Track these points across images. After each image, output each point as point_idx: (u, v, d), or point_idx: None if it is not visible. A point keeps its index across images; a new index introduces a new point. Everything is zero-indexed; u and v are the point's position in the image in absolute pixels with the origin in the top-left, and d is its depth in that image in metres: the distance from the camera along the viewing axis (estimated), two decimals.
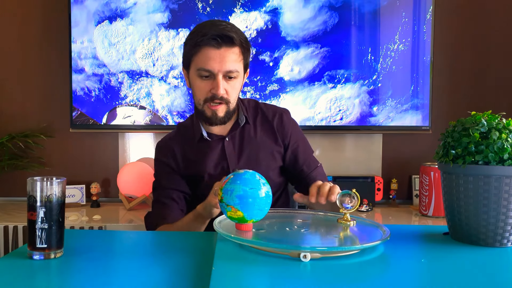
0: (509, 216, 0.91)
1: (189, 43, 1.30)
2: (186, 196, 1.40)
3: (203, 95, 1.30)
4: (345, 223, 1.02)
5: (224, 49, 1.25)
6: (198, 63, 1.28)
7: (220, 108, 1.30)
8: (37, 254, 0.85)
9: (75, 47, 2.37)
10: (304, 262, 0.79)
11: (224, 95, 1.29)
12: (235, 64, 1.27)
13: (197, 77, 1.29)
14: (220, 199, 0.93)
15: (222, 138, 1.38)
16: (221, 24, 1.27)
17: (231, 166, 1.36)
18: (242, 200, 0.91)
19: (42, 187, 0.84)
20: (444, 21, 2.48)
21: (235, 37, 1.26)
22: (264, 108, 1.44)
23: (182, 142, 1.41)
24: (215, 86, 1.27)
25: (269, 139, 1.40)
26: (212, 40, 1.24)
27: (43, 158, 2.51)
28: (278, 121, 1.41)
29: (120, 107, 2.41)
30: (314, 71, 2.41)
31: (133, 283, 0.76)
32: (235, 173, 0.94)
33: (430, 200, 2.19)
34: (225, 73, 1.27)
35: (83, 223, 2.06)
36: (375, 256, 0.86)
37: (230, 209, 0.92)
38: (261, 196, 0.92)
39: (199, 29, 1.29)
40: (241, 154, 1.38)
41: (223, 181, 0.95)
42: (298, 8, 2.38)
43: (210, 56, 1.25)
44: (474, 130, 0.94)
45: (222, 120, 1.33)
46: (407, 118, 2.42)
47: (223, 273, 0.74)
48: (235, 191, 0.91)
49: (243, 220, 0.93)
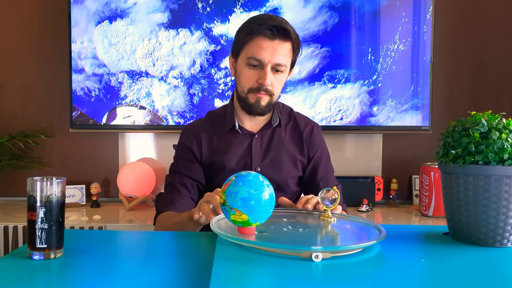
0: (509, 216, 0.91)
1: (244, 31, 1.31)
2: (199, 185, 1.39)
3: (249, 84, 1.31)
4: (327, 219, 1.04)
5: (277, 41, 1.27)
6: (249, 51, 1.29)
7: (264, 98, 1.31)
8: (37, 254, 0.85)
9: (75, 47, 2.38)
10: (303, 262, 0.79)
11: (269, 87, 1.30)
12: (284, 58, 1.29)
13: (246, 65, 1.30)
14: (222, 202, 0.89)
15: (251, 134, 1.39)
16: (278, 18, 1.30)
17: (254, 164, 1.37)
18: (247, 203, 0.87)
19: (42, 187, 0.84)
20: (444, 21, 2.48)
21: (291, 31, 1.27)
22: (297, 116, 1.46)
23: (210, 130, 1.41)
24: (262, 76, 1.28)
25: (296, 148, 1.41)
26: (267, 30, 1.26)
27: (43, 158, 2.51)
28: (308, 133, 1.43)
29: (120, 107, 2.41)
30: (314, 71, 2.41)
31: (133, 283, 0.76)
32: (237, 175, 0.91)
33: (430, 200, 2.19)
34: (274, 65, 1.28)
35: (83, 223, 2.06)
36: (374, 256, 0.86)
37: (234, 213, 0.88)
38: (265, 198, 0.89)
39: (255, 19, 1.30)
40: (266, 154, 1.39)
41: (225, 183, 0.92)
42: (298, 8, 2.38)
43: (263, 46, 1.27)
44: (474, 130, 0.94)
45: (263, 110, 1.33)
46: (407, 118, 2.42)
47: (223, 273, 0.74)
48: (239, 194, 0.87)
49: (247, 224, 0.89)
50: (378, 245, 0.91)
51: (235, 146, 1.38)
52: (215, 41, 2.38)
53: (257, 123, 1.40)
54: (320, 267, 0.78)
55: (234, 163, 1.37)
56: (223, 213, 0.92)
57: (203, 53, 2.39)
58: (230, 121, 1.39)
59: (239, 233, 0.91)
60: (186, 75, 2.40)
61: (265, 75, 1.28)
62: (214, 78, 2.40)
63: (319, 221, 1.05)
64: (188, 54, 2.39)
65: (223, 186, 0.92)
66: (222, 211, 0.92)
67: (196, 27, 2.38)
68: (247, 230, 0.90)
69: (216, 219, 0.99)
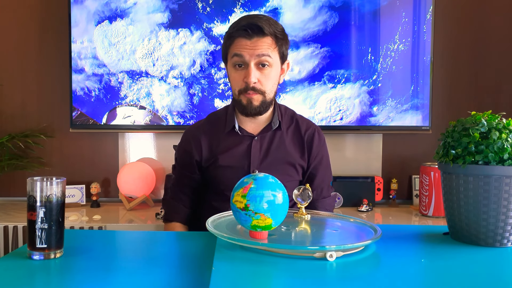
0: (509, 216, 0.91)
1: (225, 37, 1.35)
2: (198, 186, 1.47)
3: (238, 86, 1.34)
4: (301, 216, 1.06)
5: (255, 39, 1.29)
6: (232, 53, 1.32)
7: (255, 97, 1.32)
8: (37, 254, 0.85)
9: (75, 47, 2.37)
10: (304, 262, 0.80)
11: (257, 85, 1.31)
12: (267, 50, 1.30)
13: (232, 68, 1.33)
14: (243, 207, 0.84)
15: (251, 136, 1.40)
16: (256, 16, 1.33)
17: (252, 166, 1.37)
18: (273, 207, 0.84)
19: (42, 187, 0.84)
20: (444, 21, 2.48)
21: (266, 27, 1.29)
22: (299, 119, 1.46)
23: (210, 132, 1.43)
24: (247, 75, 1.30)
25: (296, 151, 1.42)
26: (243, 31, 1.29)
27: (43, 158, 2.51)
28: (309, 137, 1.44)
29: (120, 107, 2.41)
30: (314, 71, 2.41)
31: (133, 283, 0.76)
32: (256, 177, 0.87)
33: (430, 200, 2.19)
34: (257, 60, 1.30)
35: (83, 223, 2.06)
36: (374, 256, 0.86)
37: (259, 217, 0.83)
38: (285, 200, 0.87)
39: (235, 22, 1.34)
40: (265, 157, 1.39)
41: (244, 186, 0.86)
42: (298, 8, 2.38)
43: (242, 44, 1.30)
44: (474, 130, 0.94)
45: (258, 110, 1.34)
46: (407, 118, 2.42)
47: (223, 273, 0.74)
48: (264, 197, 0.84)
49: (269, 228, 0.86)
50: (378, 245, 0.91)
51: (234, 148, 1.38)
52: (215, 41, 2.38)
53: (257, 125, 1.40)
54: (318, 267, 0.78)
55: (233, 164, 1.37)
56: (239, 219, 0.87)
57: (203, 53, 2.39)
58: (230, 123, 1.40)
59: (252, 238, 0.87)
60: (186, 75, 2.40)
61: (249, 73, 1.29)
62: (214, 78, 2.40)
63: (300, 219, 1.06)
64: (188, 54, 2.39)
65: (240, 190, 0.86)
66: (239, 217, 0.87)
67: (196, 27, 2.38)
68: (260, 234, 0.87)
69: (212, 219, 0.98)
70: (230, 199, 0.89)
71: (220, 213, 1.05)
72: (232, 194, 0.88)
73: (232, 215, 1.03)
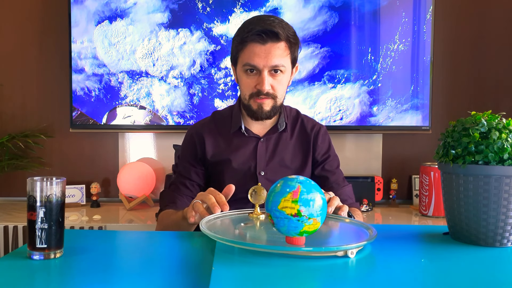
0: (509, 216, 0.91)
1: (236, 40, 1.31)
2: (200, 186, 1.41)
3: (249, 91, 1.31)
4: (256, 216, 1.05)
5: (269, 44, 1.26)
6: (244, 58, 1.29)
7: (266, 102, 1.31)
8: (37, 254, 0.85)
9: (75, 47, 2.38)
10: (304, 262, 0.80)
11: (269, 90, 1.30)
12: (280, 59, 1.27)
13: (244, 73, 1.31)
14: (295, 214, 0.79)
15: (257, 137, 1.39)
16: (268, 19, 1.28)
17: (258, 168, 1.36)
18: (323, 210, 0.81)
19: (42, 187, 0.84)
20: (444, 21, 2.48)
21: (281, 32, 1.26)
22: (304, 119, 1.46)
23: (215, 130, 1.41)
24: (260, 82, 1.28)
25: (303, 151, 1.41)
26: (257, 36, 1.25)
27: (43, 158, 2.51)
28: (315, 135, 1.43)
29: (120, 107, 2.41)
30: (314, 71, 2.41)
31: (133, 283, 0.76)
32: (301, 181, 0.82)
33: (430, 200, 2.19)
34: (271, 68, 1.28)
35: (83, 223, 2.06)
36: (374, 255, 0.86)
37: (312, 222, 0.79)
38: (325, 201, 0.84)
39: (246, 25, 1.30)
40: (271, 158, 1.38)
41: (293, 191, 0.80)
42: (298, 8, 2.38)
43: (256, 52, 1.26)
44: (474, 130, 0.94)
45: (268, 115, 1.33)
46: (407, 118, 2.42)
47: (223, 273, 0.74)
48: (316, 201, 0.80)
49: (314, 232, 0.82)
50: (378, 245, 0.91)
51: (240, 148, 1.38)
52: (215, 41, 2.38)
53: (263, 126, 1.40)
54: (317, 266, 0.78)
55: (239, 165, 1.37)
56: (287, 227, 0.81)
57: (203, 53, 2.39)
58: (236, 123, 1.39)
59: (288, 244, 0.82)
60: (186, 75, 2.40)
61: (262, 81, 1.28)
62: (214, 78, 2.40)
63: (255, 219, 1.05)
64: (188, 54, 2.39)
65: (288, 195, 0.80)
66: (287, 224, 0.80)
67: (196, 27, 2.38)
68: (298, 240, 0.82)
69: (205, 220, 0.98)
70: (269, 206, 0.82)
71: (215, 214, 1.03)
72: (274, 200, 0.81)
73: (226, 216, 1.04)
